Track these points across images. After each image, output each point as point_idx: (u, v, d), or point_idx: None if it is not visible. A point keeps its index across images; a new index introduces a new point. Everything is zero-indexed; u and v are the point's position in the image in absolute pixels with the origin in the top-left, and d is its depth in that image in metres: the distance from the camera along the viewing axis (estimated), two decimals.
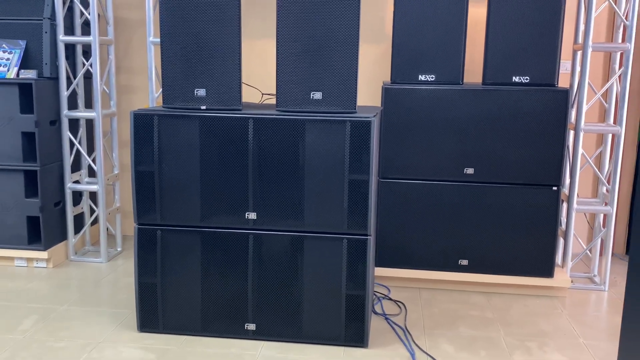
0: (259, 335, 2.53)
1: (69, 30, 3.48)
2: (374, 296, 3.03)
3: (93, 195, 3.78)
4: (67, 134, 3.44)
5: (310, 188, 2.41)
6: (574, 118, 3.19)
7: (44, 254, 3.36)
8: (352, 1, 2.31)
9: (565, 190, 3.27)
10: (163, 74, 2.46)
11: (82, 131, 3.61)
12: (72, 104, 3.58)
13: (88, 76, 3.67)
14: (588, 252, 3.62)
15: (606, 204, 3.23)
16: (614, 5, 3.07)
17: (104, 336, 2.56)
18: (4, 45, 3.31)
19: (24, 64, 3.35)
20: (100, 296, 3.01)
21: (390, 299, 3.05)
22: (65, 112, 3.40)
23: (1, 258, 3.42)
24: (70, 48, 3.52)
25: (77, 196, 3.66)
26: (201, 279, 2.52)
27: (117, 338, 2.55)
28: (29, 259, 3.41)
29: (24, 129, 3.25)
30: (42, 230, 3.34)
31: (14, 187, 3.32)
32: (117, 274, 3.33)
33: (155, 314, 2.56)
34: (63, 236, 3.54)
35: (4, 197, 3.33)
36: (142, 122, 2.44)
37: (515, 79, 2.98)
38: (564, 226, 3.27)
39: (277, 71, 2.40)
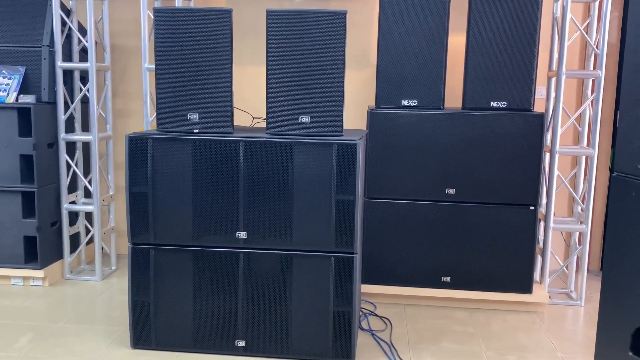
0: (249, 351, 2.51)
1: (67, 56, 3.49)
2: (361, 312, 3.02)
3: (89, 216, 3.75)
4: (64, 157, 3.42)
5: (298, 208, 2.42)
6: (550, 141, 3.23)
7: (40, 273, 3.32)
8: (338, 30, 2.34)
9: (542, 210, 3.29)
10: (157, 98, 2.46)
11: (78, 154, 3.59)
12: (70, 128, 3.57)
13: (85, 101, 3.67)
14: (565, 268, 3.63)
15: (581, 223, 3.25)
16: (586, 35, 3.13)
17: (99, 353, 2.53)
18: (3, 71, 3.31)
19: (23, 89, 3.34)
20: (94, 314, 2.97)
21: (376, 315, 3.04)
22: (62, 135, 3.40)
23: None
24: (68, 74, 3.52)
25: (73, 216, 3.63)
26: (193, 297, 2.50)
27: (111, 355, 2.52)
28: (25, 278, 3.37)
29: (22, 152, 3.24)
30: (38, 250, 3.31)
31: (11, 208, 3.29)
32: (112, 292, 3.29)
33: (148, 331, 2.54)
34: (59, 255, 3.51)
35: (1, 218, 3.30)
36: (137, 145, 2.44)
37: (493, 104, 3.02)
38: (541, 244, 3.29)
39: (267, 96, 2.42)
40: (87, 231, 3.74)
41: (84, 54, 3.62)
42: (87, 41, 3.33)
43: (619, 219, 1.54)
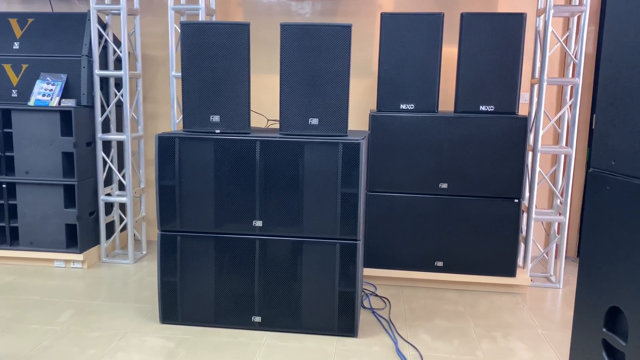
0: (264, 326, 2.52)
1: (104, 65, 3.50)
2: (363, 292, 3.02)
3: (122, 206, 3.77)
4: (100, 154, 3.43)
5: (308, 200, 2.41)
6: (532, 141, 3.21)
7: (79, 256, 3.34)
8: (343, 42, 2.33)
9: (525, 202, 3.28)
10: (183, 102, 2.46)
11: (113, 151, 3.61)
12: (105, 128, 3.59)
13: (119, 104, 3.68)
14: (545, 255, 3.62)
15: (560, 214, 3.23)
16: (565, 46, 3.10)
17: (131, 327, 2.55)
18: (48, 78, 3.32)
19: (65, 94, 3.36)
20: (127, 293, 2.99)
21: (376, 295, 3.04)
22: (99, 135, 3.41)
23: (43, 260, 3.40)
24: (104, 80, 3.53)
25: (109, 207, 3.65)
26: (214, 278, 2.51)
27: (141, 329, 2.53)
28: (66, 261, 3.39)
29: (64, 150, 3.25)
30: (78, 236, 3.33)
31: (54, 199, 3.31)
32: (142, 274, 3.31)
33: (174, 308, 2.55)
34: (96, 241, 3.52)
35: (46, 208, 3.32)
36: (165, 144, 2.44)
37: (482, 107, 3.00)
38: (524, 233, 3.28)
39: (280, 100, 2.41)
40: (121, 220, 3.76)
41: (118, 63, 3.62)
42: (121, 52, 3.33)
43: (595, 210, 1.53)
